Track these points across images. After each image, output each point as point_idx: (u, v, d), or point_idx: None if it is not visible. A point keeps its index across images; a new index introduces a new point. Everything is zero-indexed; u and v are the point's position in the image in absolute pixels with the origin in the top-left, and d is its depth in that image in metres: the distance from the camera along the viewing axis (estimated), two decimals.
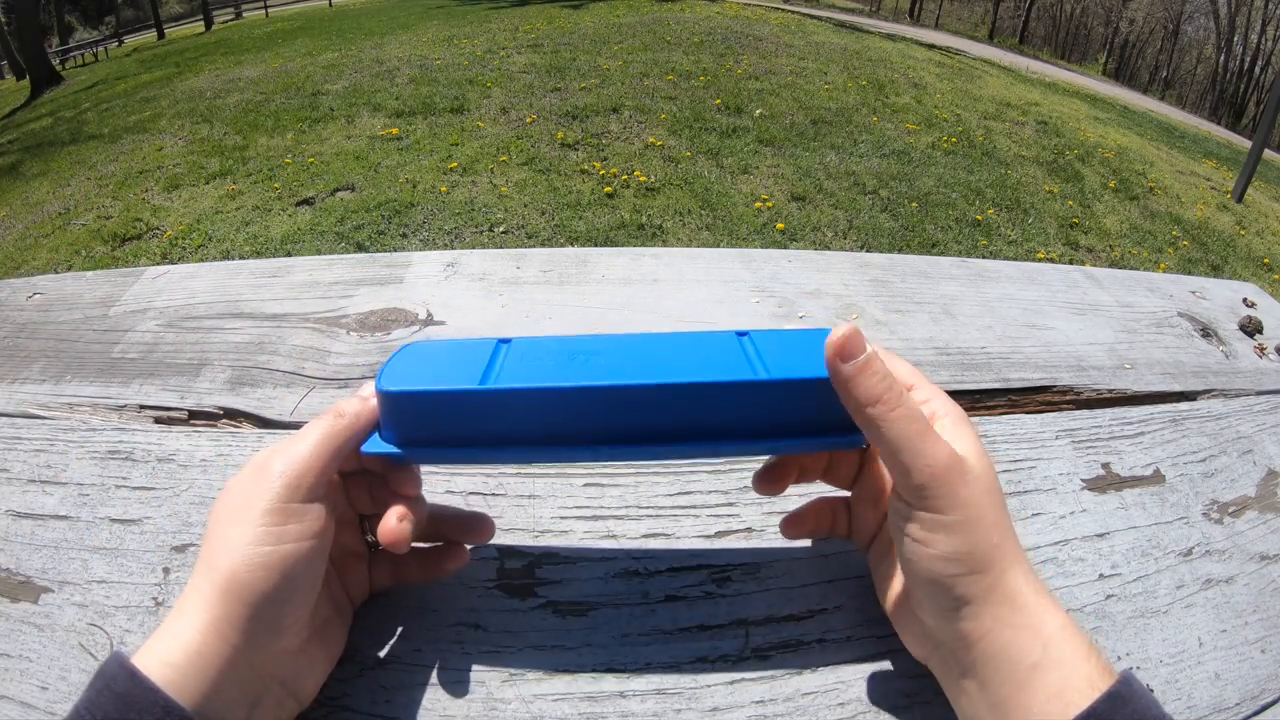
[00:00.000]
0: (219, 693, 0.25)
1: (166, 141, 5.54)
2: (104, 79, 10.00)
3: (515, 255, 0.60)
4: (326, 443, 0.29)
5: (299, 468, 0.28)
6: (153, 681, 0.24)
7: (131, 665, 0.24)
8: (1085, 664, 0.25)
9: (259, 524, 0.27)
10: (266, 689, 0.27)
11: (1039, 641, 0.26)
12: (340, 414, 0.30)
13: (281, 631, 0.27)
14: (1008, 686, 0.26)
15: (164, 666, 0.24)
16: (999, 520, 0.28)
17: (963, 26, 25.36)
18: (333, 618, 0.31)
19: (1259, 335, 0.59)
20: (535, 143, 4.71)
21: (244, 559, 0.26)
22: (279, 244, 3.64)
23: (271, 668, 0.27)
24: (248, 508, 0.27)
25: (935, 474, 0.27)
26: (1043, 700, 0.25)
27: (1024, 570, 0.28)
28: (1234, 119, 21.11)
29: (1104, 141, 6.51)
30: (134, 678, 0.24)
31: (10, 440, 0.43)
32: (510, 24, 9.09)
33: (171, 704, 0.23)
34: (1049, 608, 0.27)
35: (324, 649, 0.31)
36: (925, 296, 0.58)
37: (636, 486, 0.41)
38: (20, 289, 0.57)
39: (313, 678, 0.30)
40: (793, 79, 6.52)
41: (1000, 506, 0.28)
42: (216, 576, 0.26)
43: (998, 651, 0.26)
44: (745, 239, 3.73)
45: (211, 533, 0.28)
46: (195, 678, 0.24)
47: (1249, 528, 0.42)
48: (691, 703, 0.32)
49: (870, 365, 0.28)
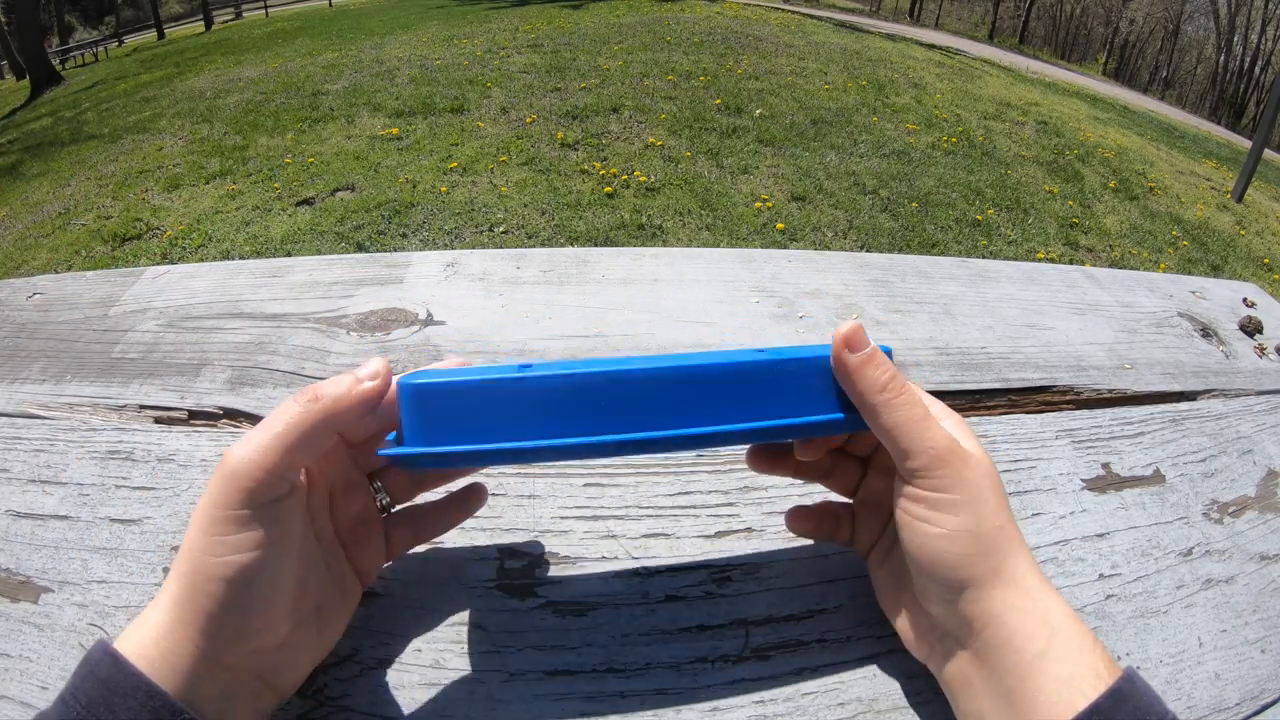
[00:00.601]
0: (192, 688, 0.25)
1: (166, 141, 5.54)
2: (104, 79, 10.00)
3: (515, 255, 0.60)
4: (290, 434, 0.26)
5: (252, 469, 0.25)
6: (135, 667, 0.24)
7: (115, 651, 0.24)
8: (1091, 654, 0.25)
9: (210, 533, 0.25)
10: (241, 684, 0.26)
11: (1046, 628, 0.26)
12: (316, 398, 0.27)
13: (250, 636, 0.26)
14: (1015, 675, 0.26)
15: (139, 659, 0.24)
16: (1000, 506, 0.28)
17: (963, 26, 25.37)
18: (329, 602, 0.30)
19: (1259, 335, 0.59)
20: (535, 143, 4.71)
21: (200, 568, 0.25)
22: (279, 244, 3.64)
23: (246, 665, 0.26)
24: (202, 512, 0.26)
25: (938, 454, 0.28)
26: (1051, 689, 0.25)
27: (1028, 557, 0.28)
28: (1234, 119, 21.11)
29: (1104, 141, 6.51)
30: (117, 663, 0.24)
31: (10, 440, 0.43)
32: (510, 24, 9.09)
33: (154, 689, 0.23)
34: (1053, 595, 0.27)
35: (314, 637, 0.29)
36: (925, 296, 0.58)
37: (636, 486, 0.41)
38: (20, 289, 0.57)
39: (295, 671, 0.29)
40: (793, 79, 6.52)
41: (1001, 494, 0.29)
42: (182, 580, 0.25)
43: (1006, 637, 0.26)
44: (745, 239, 3.74)
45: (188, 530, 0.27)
46: (167, 671, 0.24)
47: (1249, 528, 0.42)
48: (691, 703, 0.32)
49: (875, 356, 0.29)
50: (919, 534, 0.28)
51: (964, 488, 0.28)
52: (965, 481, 0.28)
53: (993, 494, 0.28)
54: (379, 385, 0.28)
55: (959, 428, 0.31)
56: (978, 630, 0.27)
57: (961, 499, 0.28)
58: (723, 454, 0.42)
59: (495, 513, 0.39)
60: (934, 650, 0.30)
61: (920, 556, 0.29)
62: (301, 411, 0.27)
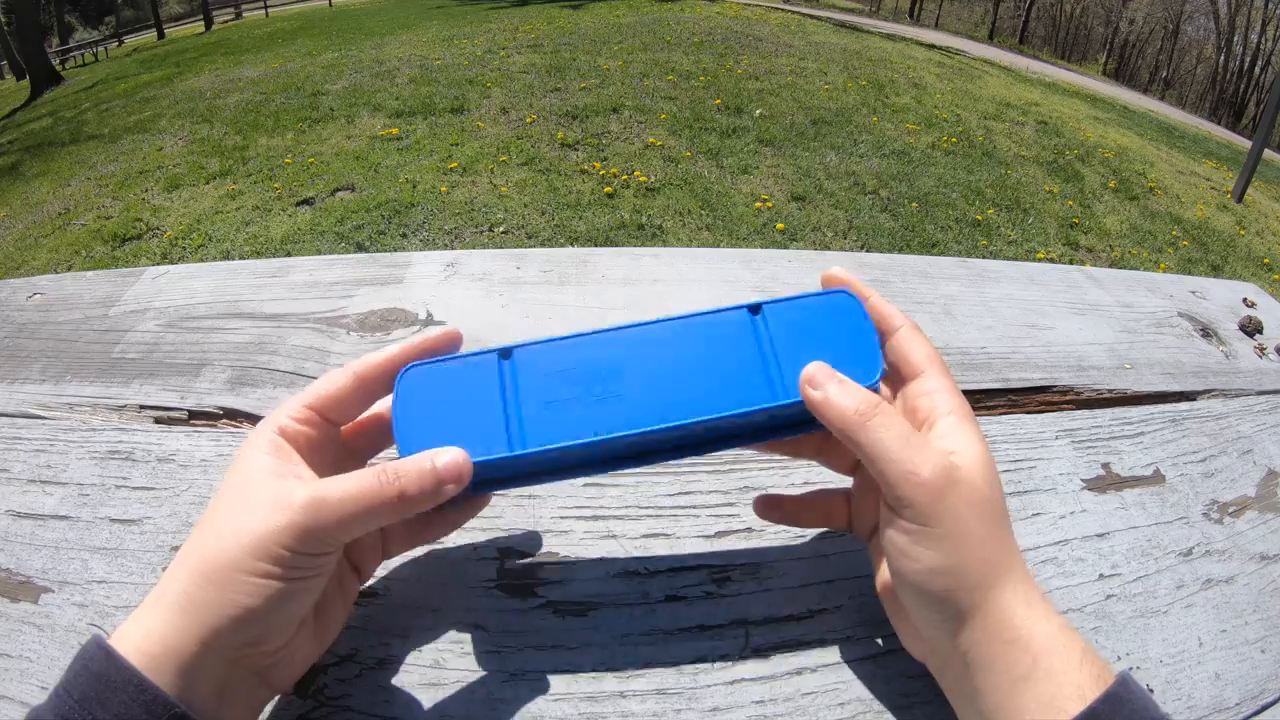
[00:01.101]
0: (190, 685, 0.25)
1: (166, 141, 5.54)
2: (104, 79, 10.00)
3: (515, 255, 0.60)
4: (364, 511, 0.26)
5: (328, 528, 0.26)
6: (128, 661, 0.24)
7: (108, 646, 0.24)
8: (1076, 673, 0.25)
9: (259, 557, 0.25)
10: (240, 680, 0.27)
11: (1028, 656, 0.26)
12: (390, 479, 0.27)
13: (260, 642, 0.26)
14: (998, 695, 0.26)
15: (139, 654, 0.24)
16: (990, 534, 0.27)
17: (963, 26, 25.36)
18: (329, 600, 0.30)
19: (1259, 335, 0.59)
20: (535, 143, 4.71)
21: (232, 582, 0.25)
22: (279, 244, 3.64)
23: (247, 663, 0.27)
24: (252, 534, 0.25)
25: (919, 483, 0.27)
26: (1033, 709, 0.25)
27: (1015, 583, 0.27)
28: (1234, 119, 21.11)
29: (1104, 141, 6.51)
30: (110, 657, 0.24)
31: (10, 440, 0.43)
32: (510, 24, 9.09)
33: (145, 683, 0.24)
34: (1040, 618, 0.26)
35: (313, 635, 0.30)
36: (925, 296, 0.58)
37: (636, 486, 0.41)
38: (20, 289, 0.57)
39: (292, 667, 0.29)
40: (793, 79, 6.52)
41: (992, 517, 0.28)
42: (204, 585, 0.25)
43: (987, 664, 0.26)
44: (745, 239, 3.74)
45: (206, 527, 0.27)
46: (169, 669, 0.24)
47: (1249, 528, 0.42)
48: (691, 703, 0.32)
49: (840, 389, 0.28)
50: (899, 566, 0.28)
51: (947, 520, 0.26)
52: (949, 514, 0.26)
53: (980, 523, 0.27)
54: (456, 489, 0.28)
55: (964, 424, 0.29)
56: (959, 655, 0.27)
57: (943, 533, 0.26)
58: (723, 455, 0.42)
59: (495, 513, 0.39)
60: (932, 653, 0.30)
61: (901, 587, 0.29)
62: (381, 493, 0.27)
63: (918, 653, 0.31)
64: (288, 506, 0.26)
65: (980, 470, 0.28)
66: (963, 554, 0.26)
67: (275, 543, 0.25)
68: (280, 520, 0.25)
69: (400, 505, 0.27)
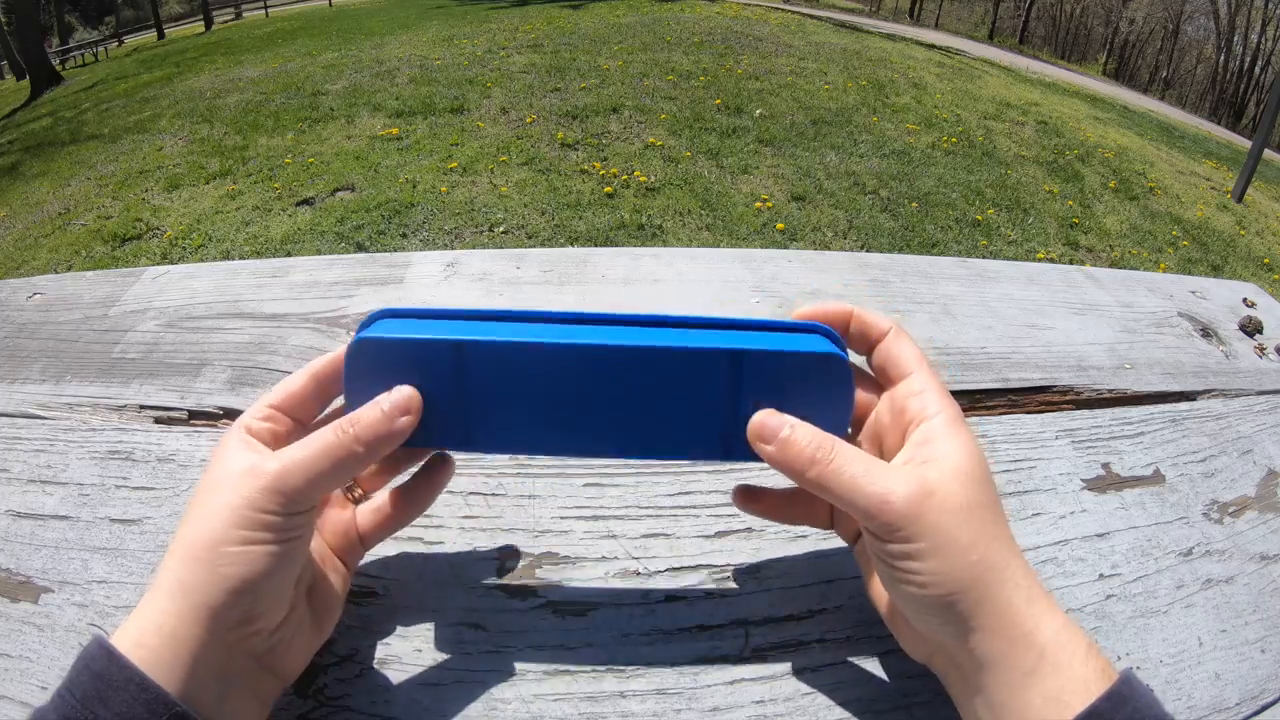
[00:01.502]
0: (192, 676, 0.25)
1: (166, 141, 5.55)
2: (104, 79, 10.01)
3: (515, 255, 0.60)
4: (325, 462, 0.28)
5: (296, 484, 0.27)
6: (128, 660, 0.24)
7: (109, 645, 0.25)
8: (1082, 667, 0.25)
9: (239, 526, 0.26)
10: (241, 667, 0.27)
11: (1033, 651, 0.26)
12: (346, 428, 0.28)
13: (255, 619, 0.27)
14: (1004, 691, 0.26)
15: (139, 648, 0.25)
16: (978, 536, 0.27)
17: (963, 26, 25.37)
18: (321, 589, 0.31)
19: (1259, 335, 0.59)
20: (535, 143, 4.72)
21: (220, 557, 0.26)
22: (279, 244, 3.65)
23: (245, 645, 0.27)
24: (229, 506, 0.26)
25: (892, 508, 0.27)
26: (1039, 705, 0.25)
27: (1015, 578, 0.27)
28: (1234, 119, 21.11)
29: (1104, 141, 6.51)
30: (111, 657, 0.24)
31: (10, 440, 0.43)
32: (510, 24, 9.09)
33: (146, 681, 0.24)
34: (1043, 613, 0.26)
35: (310, 620, 0.30)
36: (925, 296, 0.58)
37: (636, 486, 0.41)
38: (20, 289, 0.57)
39: (293, 653, 0.29)
40: (793, 79, 6.52)
41: (978, 519, 0.27)
42: (195, 565, 0.26)
43: (992, 661, 0.26)
44: (745, 239, 3.74)
45: (189, 515, 0.27)
46: (169, 659, 0.25)
47: (1249, 528, 0.42)
48: (691, 703, 0.32)
49: (791, 437, 0.29)
50: (891, 580, 0.28)
51: (930, 534, 0.26)
52: (930, 527, 0.26)
53: (965, 527, 0.27)
54: (411, 420, 0.29)
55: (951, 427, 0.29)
56: (962, 655, 0.27)
57: (928, 546, 0.26)
58: None
59: (495, 513, 0.39)
60: (934, 654, 0.30)
61: (896, 596, 0.29)
62: (339, 439, 0.28)
63: (918, 654, 0.31)
64: (260, 474, 0.27)
65: (955, 474, 0.28)
66: (952, 561, 0.26)
67: (252, 508, 0.26)
68: (254, 486, 0.27)
69: (361, 450, 0.28)
